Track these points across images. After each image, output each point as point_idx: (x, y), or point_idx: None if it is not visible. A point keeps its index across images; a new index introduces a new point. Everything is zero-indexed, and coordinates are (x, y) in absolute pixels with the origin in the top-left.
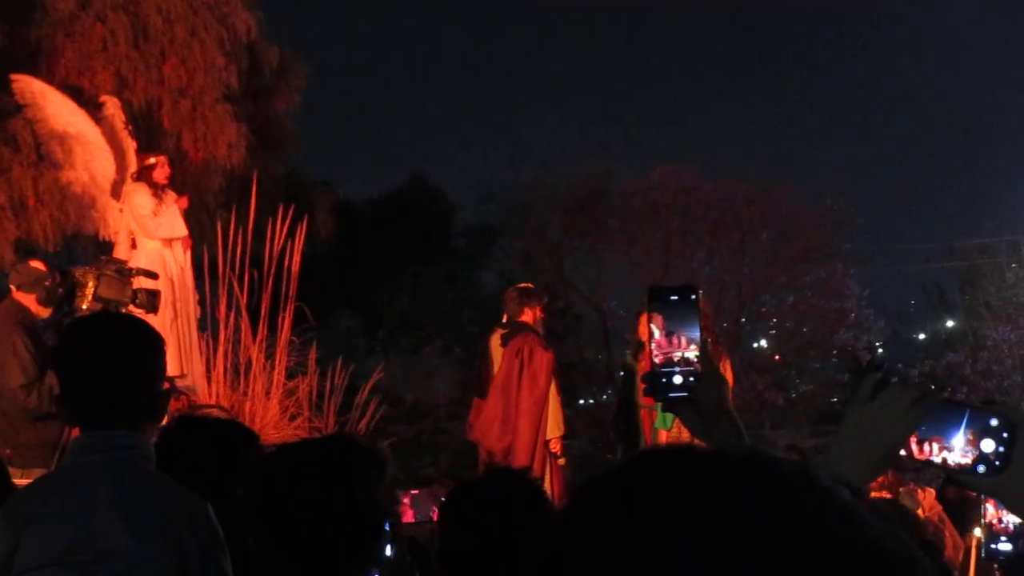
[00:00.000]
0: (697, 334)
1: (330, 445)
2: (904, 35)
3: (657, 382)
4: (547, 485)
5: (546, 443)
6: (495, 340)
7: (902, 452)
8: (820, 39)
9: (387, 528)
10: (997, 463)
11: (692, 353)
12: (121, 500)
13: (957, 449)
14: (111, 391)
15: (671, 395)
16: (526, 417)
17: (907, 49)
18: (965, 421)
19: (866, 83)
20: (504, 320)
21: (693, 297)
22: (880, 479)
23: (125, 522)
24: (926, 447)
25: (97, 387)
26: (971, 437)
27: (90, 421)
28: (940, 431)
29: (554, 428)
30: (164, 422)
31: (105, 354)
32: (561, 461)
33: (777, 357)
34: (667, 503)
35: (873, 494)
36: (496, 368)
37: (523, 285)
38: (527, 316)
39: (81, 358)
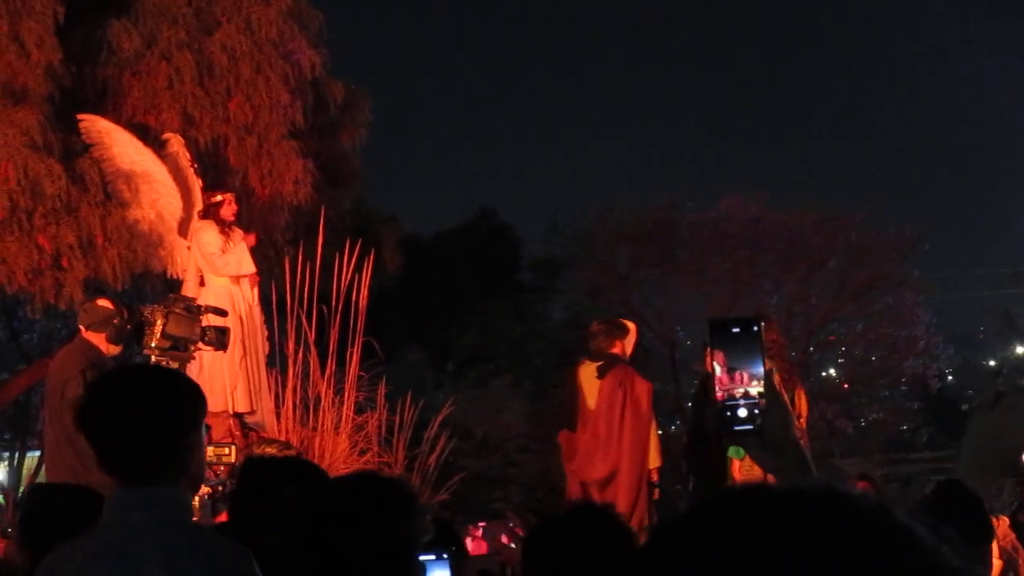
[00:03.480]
0: (760, 368)
1: (351, 485)
2: (971, 62)
3: (722, 416)
4: (645, 514)
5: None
6: (586, 372)
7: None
8: (886, 69)
9: (426, 557)
10: None
11: (754, 389)
12: (170, 558)
13: None
14: (142, 446)
15: (736, 428)
16: (632, 448)
17: (975, 76)
18: None
19: (933, 110)
20: (592, 353)
21: (755, 329)
22: None
23: None
24: None
25: (127, 442)
26: None
27: (126, 476)
28: None
29: (655, 458)
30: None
31: (130, 410)
32: (655, 492)
33: (846, 385)
34: (743, 547)
35: None
36: (590, 400)
37: (610, 319)
38: (617, 348)
39: (105, 415)
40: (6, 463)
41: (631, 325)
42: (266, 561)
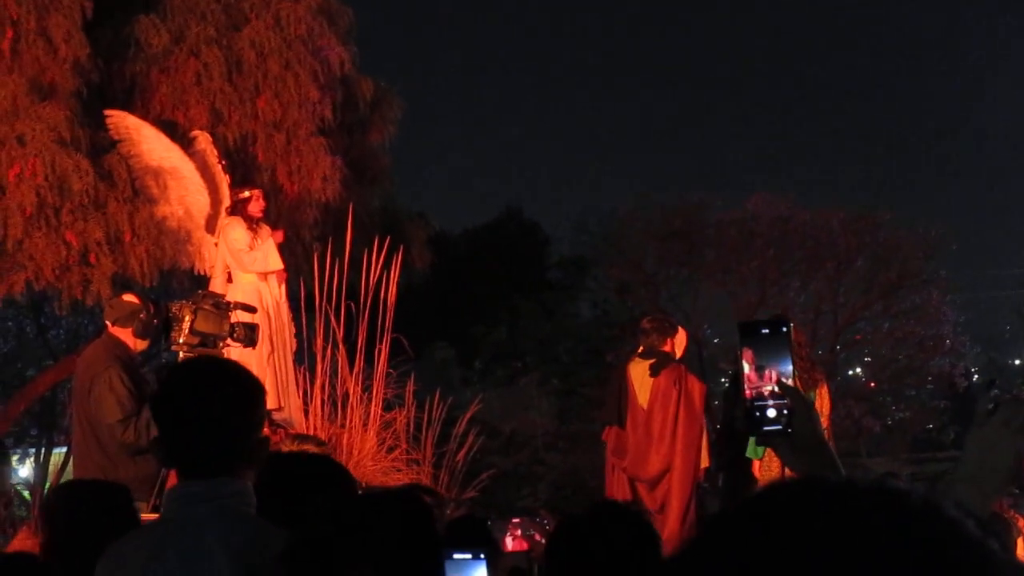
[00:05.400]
0: (789, 367)
1: (358, 511)
2: (996, 59)
3: (751, 416)
4: (695, 514)
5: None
6: (637, 369)
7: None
8: (914, 67)
9: (463, 556)
10: None
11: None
12: (237, 552)
13: None
14: (214, 440)
15: (766, 428)
16: (686, 448)
17: (1003, 73)
18: None
19: (960, 108)
20: (642, 350)
21: (784, 329)
22: None
23: (245, 573)
24: None
25: (200, 436)
26: None
27: (192, 469)
28: None
29: (705, 457)
30: None
31: (208, 402)
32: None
33: (872, 384)
34: (797, 539)
35: None
36: (641, 398)
37: (660, 315)
38: (668, 347)
39: (183, 406)
40: (32, 459)
41: (681, 329)
42: None
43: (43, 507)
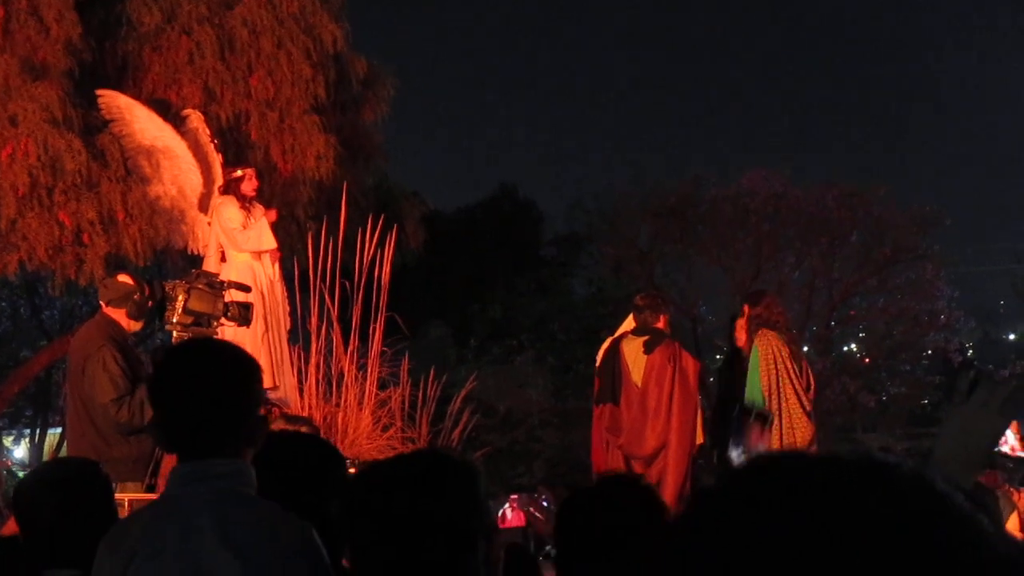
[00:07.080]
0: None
1: (420, 459)
2: (997, 37)
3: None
4: (688, 488)
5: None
6: (630, 347)
7: (999, 449)
8: (909, 43)
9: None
10: None
11: None
12: (229, 531)
13: None
14: (211, 421)
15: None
16: (681, 425)
17: (996, 47)
18: None
19: (956, 82)
20: (636, 327)
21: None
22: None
23: (234, 553)
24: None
25: (197, 417)
26: None
27: (190, 450)
28: None
29: (700, 434)
30: None
31: (205, 383)
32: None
33: (867, 360)
34: (781, 513)
35: None
36: (635, 375)
37: (652, 292)
38: (662, 323)
39: (180, 388)
40: (28, 440)
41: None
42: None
43: (14, 497)
